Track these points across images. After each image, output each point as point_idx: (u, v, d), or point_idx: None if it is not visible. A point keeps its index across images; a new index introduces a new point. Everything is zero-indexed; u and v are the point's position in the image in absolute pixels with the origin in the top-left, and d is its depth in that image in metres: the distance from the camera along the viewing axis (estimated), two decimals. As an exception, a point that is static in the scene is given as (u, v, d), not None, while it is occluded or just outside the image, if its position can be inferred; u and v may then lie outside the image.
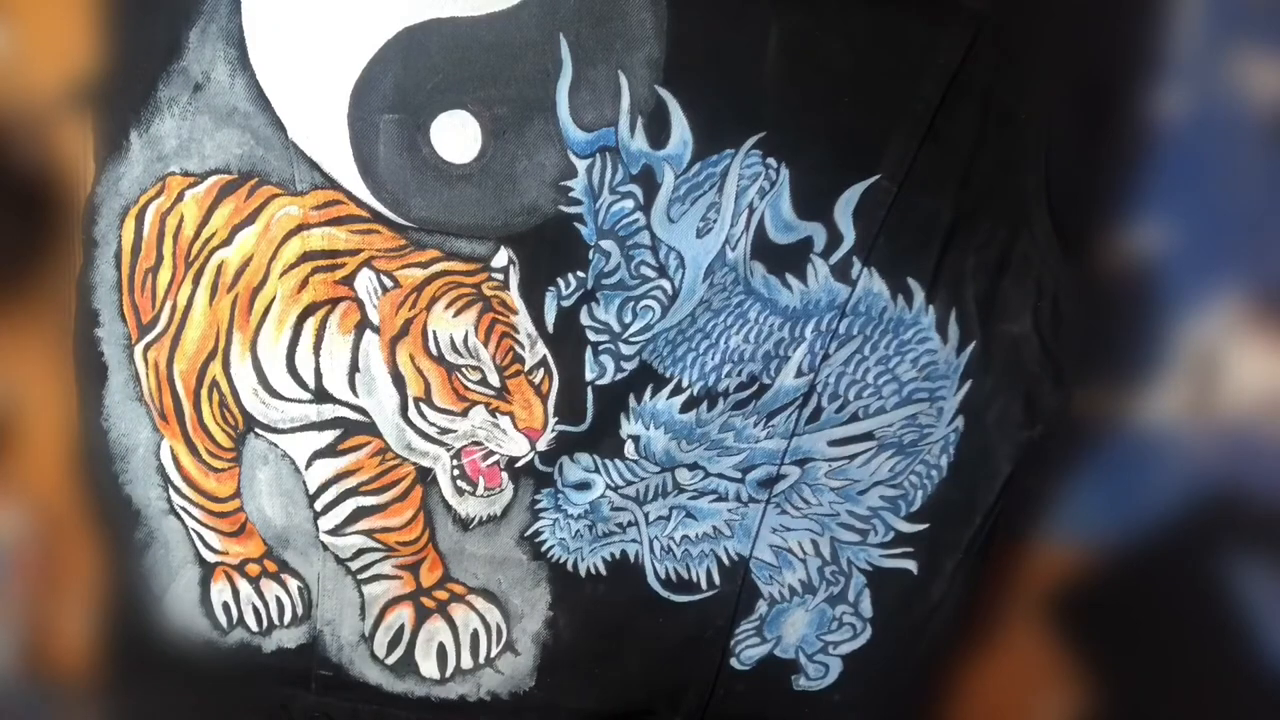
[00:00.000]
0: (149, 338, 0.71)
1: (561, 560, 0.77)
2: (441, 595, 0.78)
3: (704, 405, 0.74)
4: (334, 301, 0.70)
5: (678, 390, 0.73)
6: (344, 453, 0.73)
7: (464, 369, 0.71)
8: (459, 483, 0.74)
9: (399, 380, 0.72)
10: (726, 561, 0.79)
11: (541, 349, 0.71)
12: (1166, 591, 0.73)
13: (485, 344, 0.71)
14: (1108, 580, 0.77)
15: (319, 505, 0.75)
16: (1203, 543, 0.71)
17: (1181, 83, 0.67)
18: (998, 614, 0.81)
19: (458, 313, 0.70)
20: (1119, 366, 0.73)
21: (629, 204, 0.68)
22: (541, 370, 0.72)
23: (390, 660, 0.80)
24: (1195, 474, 0.71)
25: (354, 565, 0.77)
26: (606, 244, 0.69)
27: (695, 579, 0.79)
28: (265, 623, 0.78)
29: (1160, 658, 0.74)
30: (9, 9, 0.69)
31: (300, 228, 0.69)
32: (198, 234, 0.69)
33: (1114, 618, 0.78)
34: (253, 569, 0.76)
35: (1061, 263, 0.72)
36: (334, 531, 0.75)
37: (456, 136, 0.67)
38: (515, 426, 0.72)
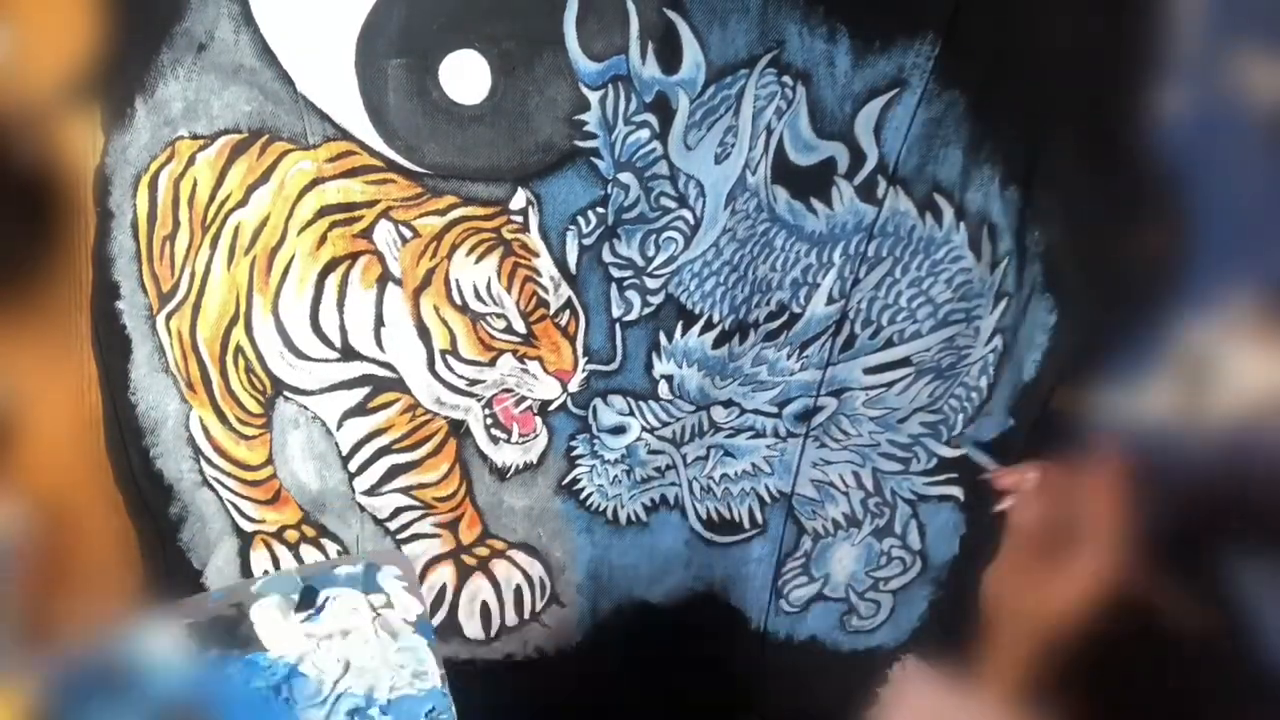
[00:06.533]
0: (170, 306, 0.70)
1: (601, 508, 0.76)
2: (482, 552, 0.77)
3: (735, 339, 0.72)
4: (354, 256, 0.69)
5: (709, 326, 0.72)
6: (374, 411, 0.72)
7: (489, 318, 0.70)
8: (493, 431, 0.73)
9: (424, 333, 0.70)
10: (767, 499, 0.77)
11: (566, 290, 0.70)
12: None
13: (509, 290, 0.69)
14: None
15: (353, 466, 0.74)
16: (1203, 542, 0.70)
17: (1181, 82, 0.67)
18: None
19: (479, 259, 0.69)
20: (1119, 366, 0.72)
21: (645, 134, 0.67)
22: (567, 312, 0.70)
23: (433, 623, 0.79)
24: (1195, 474, 0.69)
25: (392, 525, 0.76)
26: (625, 177, 0.68)
27: (737, 518, 0.78)
28: (307, 590, 0.78)
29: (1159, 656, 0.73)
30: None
31: (315, 182, 0.68)
32: (212, 197, 0.68)
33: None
34: (291, 535, 0.76)
35: (1087, 169, 0.70)
36: (370, 491, 0.74)
37: (466, 77, 0.65)
38: (545, 370, 0.71)
